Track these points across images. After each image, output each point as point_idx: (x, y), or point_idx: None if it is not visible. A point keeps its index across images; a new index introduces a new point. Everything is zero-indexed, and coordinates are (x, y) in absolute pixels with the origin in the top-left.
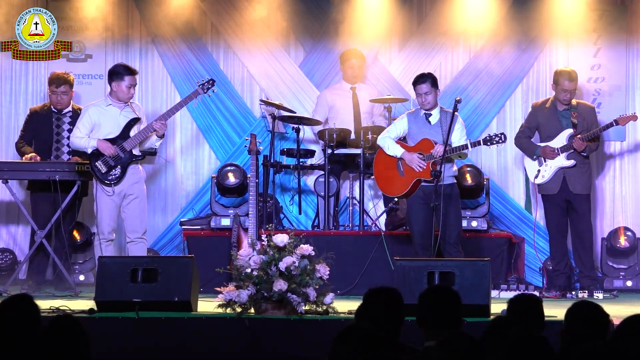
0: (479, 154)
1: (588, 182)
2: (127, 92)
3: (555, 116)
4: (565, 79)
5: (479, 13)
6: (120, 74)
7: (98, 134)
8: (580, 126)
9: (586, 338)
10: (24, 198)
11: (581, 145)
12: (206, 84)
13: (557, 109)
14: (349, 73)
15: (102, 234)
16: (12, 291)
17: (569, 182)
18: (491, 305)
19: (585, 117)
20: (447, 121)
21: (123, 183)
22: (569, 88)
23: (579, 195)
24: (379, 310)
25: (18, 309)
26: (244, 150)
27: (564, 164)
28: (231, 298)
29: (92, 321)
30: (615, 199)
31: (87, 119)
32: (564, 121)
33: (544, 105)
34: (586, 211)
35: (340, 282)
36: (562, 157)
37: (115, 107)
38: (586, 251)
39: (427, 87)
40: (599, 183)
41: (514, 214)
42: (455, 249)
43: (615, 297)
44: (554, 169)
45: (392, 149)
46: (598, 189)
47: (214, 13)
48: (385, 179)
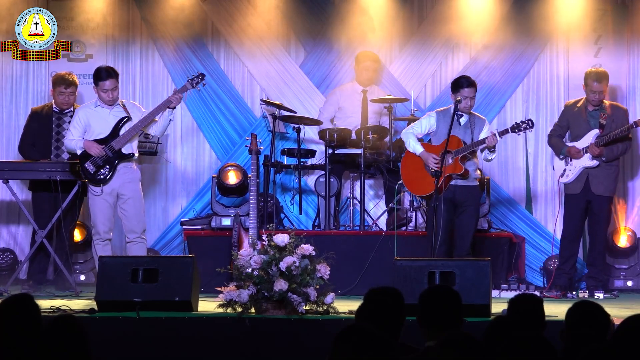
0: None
1: (612, 184)
2: (106, 95)
3: (584, 116)
4: (593, 80)
5: (480, 13)
6: (99, 77)
7: (89, 135)
8: (608, 127)
9: (587, 338)
10: (26, 198)
11: (595, 151)
12: (195, 78)
13: (587, 109)
14: (363, 75)
15: (98, 234)
16: (12, 291)
17: (592, 183)
18: (492, 305)
19: (615, 119)
20: (474, 123)
21: (114, 182)
22: (597, 89)
23: (599, 197)
24: (380, 310)
25: (18, 309)
26: (244, 150)
27: (588, 164)
28: (232, 298)
29: (92, 321)
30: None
31: (78, 121)
32: (592, 121)
33: (575, 105)
34: (604, 213)
35: (341, 282)
36: (587, 158)
37: (105, 107)
38: (598, 254)
39: (474, 91)
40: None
41: (515, 213)
42: (466, 253)
43: (616, 297)
44: (579, 168)
45: (413, 146)
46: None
47: (215, 13)
48: (414, 180)
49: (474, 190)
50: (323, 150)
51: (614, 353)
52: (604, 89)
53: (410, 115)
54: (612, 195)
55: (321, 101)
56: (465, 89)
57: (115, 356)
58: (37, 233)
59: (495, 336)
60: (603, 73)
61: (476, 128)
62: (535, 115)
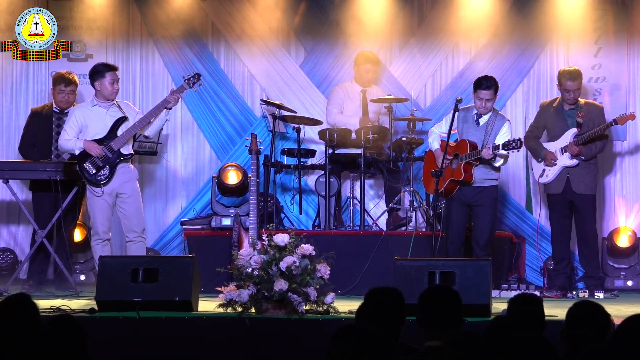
0: None
1: (592, 182)
2: (110, 88)
3: (561, 115)
4: (567, 79)
5: (480, 13)
6: (101, 71)
7: (85, 135)
8: (585, 126)
9: (587, 338)
10: (26, 198)
11: (574, 150)
12: (192, 78)
13: (564, 108)
14: (363, 77)
15: (97, 234)
16: (12, 291)
17: (573, 182)
18: (492, 305)
19: (592, 117)
20: (493, 124)
21: (113, 182)
22: (571, 88)
23: (582, 195)
24: (380, 310)
25: (16, 309)
26: (244, 150)
27: (567, 163)
28: (232, 298)
29: (92, 321)
30: (616, 198)
31: (74, 120)
32: (569, 120)
33: (551, 105)
34: (589, 211)
35: (341, 282)
36: (566, 157)
37: (101, 107)
38: (591, 252)
39: (490, 94)
40: (599, 182)
41: (515, 213)
42: (484, 252)
43: (616, 296)
44: (558, 168)
45: (430, 143)
46: (598, 188)
47: (215, 13)
48: (427, 177)
49: (485, 191)
50: (323, 150)
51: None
52: (578, 86)
53: (410, 115)
54: (593, 193)
55: (321, 101)
56: (482, 91)
57: (115, 356)
58: (37, 233)
59: (495, 336)
60: (576, 71)
61: (493, 130)
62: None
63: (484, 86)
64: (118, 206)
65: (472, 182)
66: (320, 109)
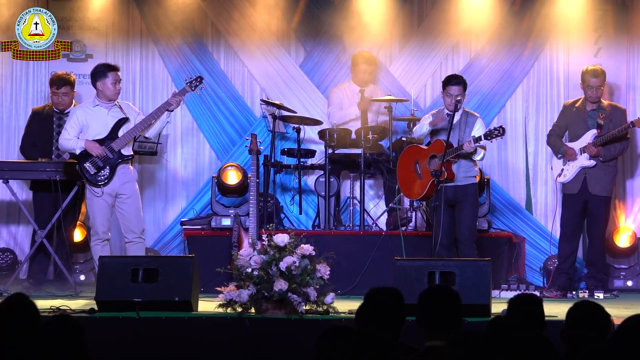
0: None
1: (609, 184)
2: (113, 88)
3: (582, 116)
4: (590, 76)
5: (479, 13)
6: (103, 72)
7: (86, 135)
8: (605, 127)
9: (587, 338)
10: (26, 198)
11: (592, 151)
12: (194, 81)
13: (586, 108)
14: (360, 77)
15: (96, 234)
16: (12, 291)
17: (589, 183)
18: (491, 305)
19: (613, 119)
20: (466, 121)
21: (113, 183)
22: (594, 84)
23: (596, 197)
24: (380, 310)
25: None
26: (244, 150)
27: (585, 164)
28: (232, 298)
29: (92, 321)
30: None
31: (75, 120)
32: (590, 121)
33: (573, 105)
34: (601, 213)
35: (341, 282)
36: (584, 157)
37: (103, 107)
38: (597, 253)
39: (460, 89)
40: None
41: (515, 213)
42: (469, 248)
43: (616, 297)
44: (576, 168)
45: (421, 127)
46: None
47: (215, 13)
48: (407, 184)
49: (467, 189)
50: (323, 151)
51: (614, 353)
52: (601, 84)
53: (410, 115)
54: (609, 195)
55: (321, 101)
56: (451, 87)
57: (115, 356)
58: (37, 233)
59: (495, 336)
60: (600, 70)
61: (467, 127)
62: (535, 115)
63: (453, 82)
64: (117, 207)
65: (455, 179)
66: (320, 109)
